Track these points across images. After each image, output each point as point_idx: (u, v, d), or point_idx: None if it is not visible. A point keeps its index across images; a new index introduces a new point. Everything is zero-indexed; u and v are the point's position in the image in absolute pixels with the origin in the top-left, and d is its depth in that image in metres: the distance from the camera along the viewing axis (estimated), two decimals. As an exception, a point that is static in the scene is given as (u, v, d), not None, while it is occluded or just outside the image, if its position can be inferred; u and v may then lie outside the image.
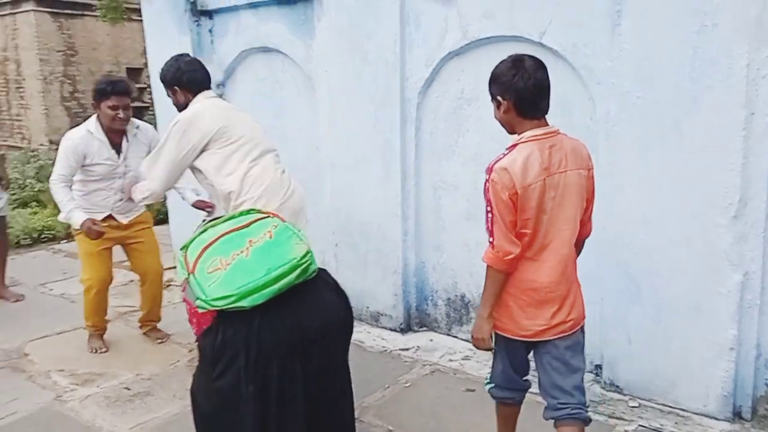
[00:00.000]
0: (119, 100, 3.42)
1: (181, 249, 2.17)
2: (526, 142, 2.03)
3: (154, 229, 3.88)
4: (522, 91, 2.01)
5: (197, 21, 4.65)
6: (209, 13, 4.60)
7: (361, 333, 3.94)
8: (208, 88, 3.04)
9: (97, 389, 3.31)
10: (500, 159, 2.04)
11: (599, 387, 3.11)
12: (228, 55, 4.56)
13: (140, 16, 5.24)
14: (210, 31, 4.64)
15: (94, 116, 3.54)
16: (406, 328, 3.94)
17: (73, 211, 3.40)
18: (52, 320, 4.29)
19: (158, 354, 3.70)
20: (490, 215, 2.05)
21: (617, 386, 3.05)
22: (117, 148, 3.54)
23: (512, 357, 2.21)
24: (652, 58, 2.74)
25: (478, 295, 3.65)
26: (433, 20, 3.43)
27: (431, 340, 3.84)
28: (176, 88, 2.99)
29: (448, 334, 3.85)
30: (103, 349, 3.75)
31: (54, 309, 4.55)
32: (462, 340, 3.78)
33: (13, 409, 3.11)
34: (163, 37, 4.86)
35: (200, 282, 1.97)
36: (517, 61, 2.04)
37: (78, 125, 3.60)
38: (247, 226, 2.12)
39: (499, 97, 2.09)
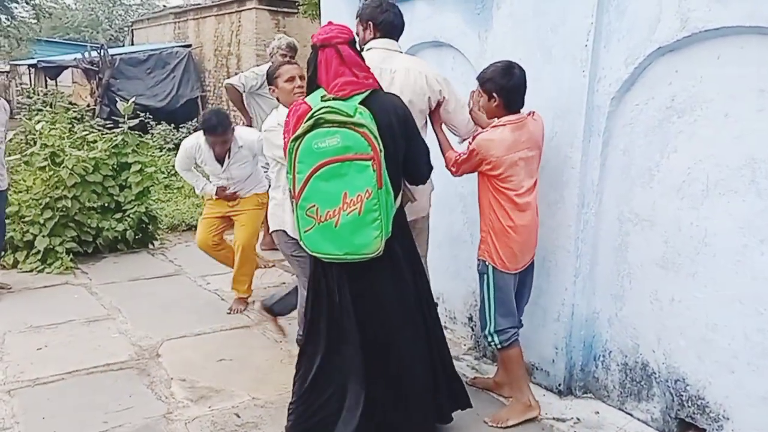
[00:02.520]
0: (214, 138, 4.01)
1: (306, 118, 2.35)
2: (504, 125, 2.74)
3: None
4: (512, 92, 2.77)
5: (372, 12, 4.29)
6: None
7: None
8: (395, 38, 2.99)
9: (208, 411, 3.05)
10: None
11: None
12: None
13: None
14: (383, 23, 4.25)
15: None
16: (565, 391, 3.18)
17: (206, 186, 4.28)
18: (197, 318, 4.20)
19: (282, 373, 3.34)
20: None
21: None
22: (221, 160, 4.15)
23: (510, 289, 2.89)
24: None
25: (666, 366, 2.78)
26: (643, 6, 2.64)
27: (597, 413, 3.03)
28: (370, 23, 2.95)
29: (620, 409, 3.02)
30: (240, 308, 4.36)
31: (205, 305, 4.49)
32: (638, 420, 2.93)
33: (121, 420, 2.94)
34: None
35: (299, 220, 2.37)
36: (510, 68, 2.77)
37: None
38: (348, 161, 2.26)
39: (495, 94, 2.76)
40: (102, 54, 13.15)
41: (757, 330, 2.43)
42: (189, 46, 14.73)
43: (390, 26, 2.91)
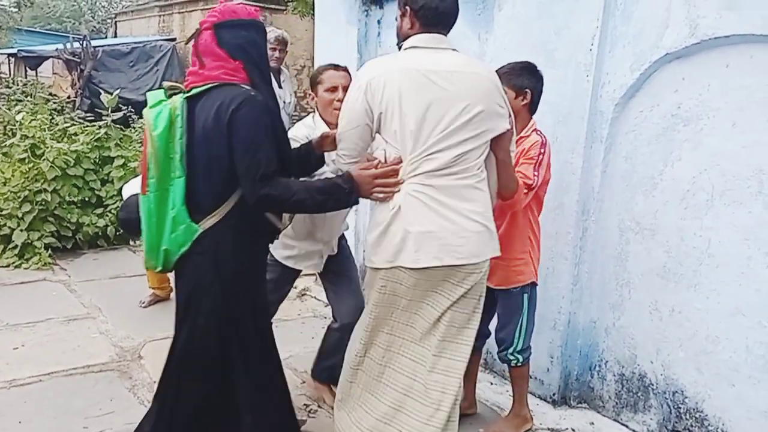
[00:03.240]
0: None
1: None
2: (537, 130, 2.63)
3: None
4: (541, 92, 2.64)
5: (366, 11, 4.21)
6: (380, 2, 4.14)
7: (501, 395, 3.20)
8: (443, 32, 2.15)
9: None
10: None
11: None
12: (394, 50, 4.04)
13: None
14: (378, 22, 4.17)
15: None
16: (560, 401, 3.12)
17: None
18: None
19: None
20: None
21: None
22: None
23: None
24: None
25: (664, 377, 2.74)
26: (650, 11, 2.59)
27: (592, 424, 2.98)
28: (407, 8, 2.12)
29: (616, 420, 2.97)
30: None
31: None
32: (634, 431, 2.89)
33: (102, 425, 2.82)
34: (331, 27, 4.51)
35: None
36: (536, 67, 2.64)
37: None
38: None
39: (528, 89, 2.58)
40: (84, 45, 12.90)
41: (760, 343, 2.39)
42: (173, 39, 14.52)
43: (434, 14, 2.07)
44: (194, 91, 2.00)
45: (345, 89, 2.43)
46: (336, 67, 2.65)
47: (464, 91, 2.01)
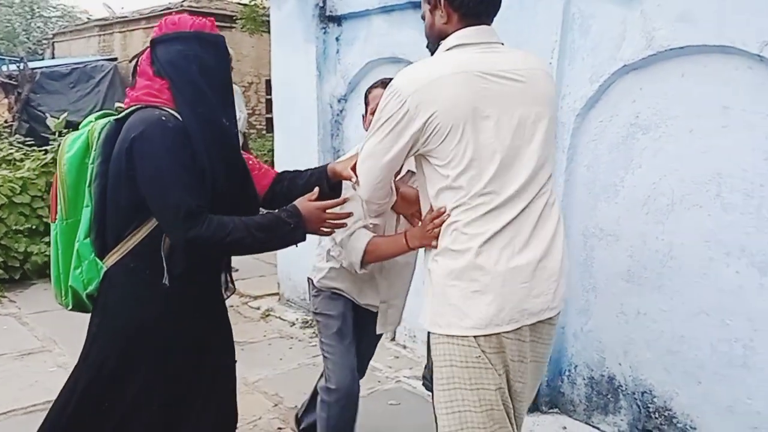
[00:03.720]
0: None
1: None
2: None
3: None
4: None
5: (324, 28, 4.23)
6: (338, 20, 4.16)
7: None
8: (488, 21, 1.72)
9: None
10: None
11: None
12: (353, 66, 4.09)
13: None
14: (337, 39, 4.19)
15: None
16: (531, 408, 3.16)
17: None
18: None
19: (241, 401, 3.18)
20: None
21: None
22: None
23: None
24: None
25: (632, 378, 2.82)
26: (607, 24, 2.70)
27: (564, 428, 3.03)
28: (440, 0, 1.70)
29: (587, 423, 3.03)
30: None
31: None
32: (605, 433, 2.96)
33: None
34: (289, 45, 4.50)
35: None
36: None
37: None
38: None
39: None
40: (21, 67, 12.44)
41: (723, 340, 2.49)
42: (115, 59, 14.16)
43: (476, 2, 1.66)
44: (122, 114, 1.79)
45: None
46: (384, 84, 2.20)
47: (538, 95, 1.67)
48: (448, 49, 1.67)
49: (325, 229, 1.86)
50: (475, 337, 1.62)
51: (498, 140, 1.60)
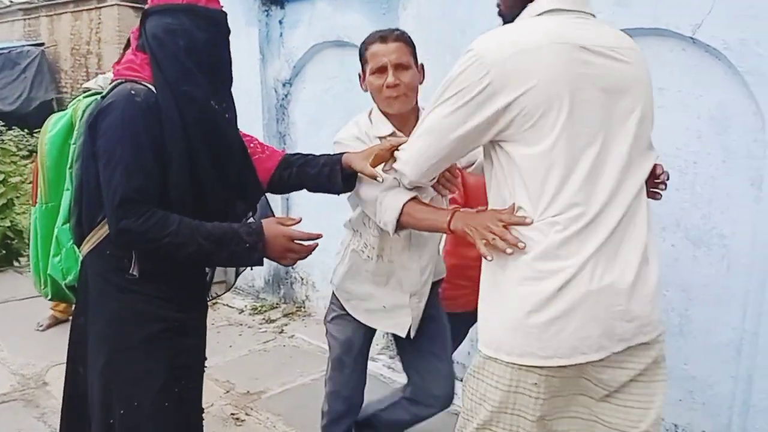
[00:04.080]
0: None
1: None
2: None
3: None
4: None
5: (267, 11, 4.17)
6: (280, 2, 4.11)
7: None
8: None
9: None
10: None
11: None
12: (298, 50, 4.05)
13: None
14: (280, 22, 4.14)
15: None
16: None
17: None
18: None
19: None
20: None
21: None
22: None
23: None
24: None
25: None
26: (548, 8, 2.77)
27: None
28: None
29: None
30: None
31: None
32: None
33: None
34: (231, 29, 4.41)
35: None
36: None
37: None
38: None
39: None
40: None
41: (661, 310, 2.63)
42: (42, 44, 13.51)
43: None
44: (106, 91, 1.65)
45: (400, 68, 1.84)
46: (383, 38, 1.88)
47: (642, 83, 1.41)
48: (539, 15, 1.38)
49: (286, 261, 1.64)
50: (556, 367, 1.32)
51: (594, 131, 1.32)
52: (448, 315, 2.25)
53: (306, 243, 1.64)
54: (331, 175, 1.78)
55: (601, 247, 1.31)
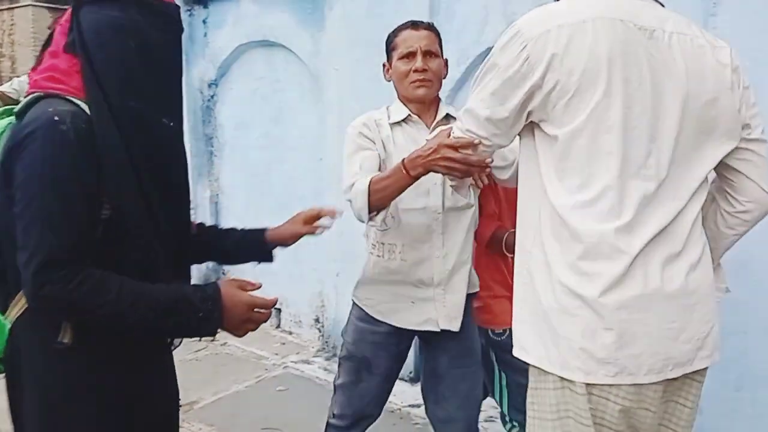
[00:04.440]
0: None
1: None
2: None
3: None
4: None
5: (190, 10, 4.08)
6: (204, 2, 4.03)
7: (362, 382, 3.31)
8: None
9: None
10: None
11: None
12: (223, 50, 3.99)
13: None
14: (204, 22, 4.07)
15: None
16: (416, 377, 3.29)
17: None
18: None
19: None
20: None
21: None
22: None
23: None
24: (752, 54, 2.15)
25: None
26: (471, 8, 2.85)
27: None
28: None
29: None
30: None
31: None
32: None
33: None
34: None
35: None
36: None
37: None
38: None
39: None
40: None
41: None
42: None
43: None
44: (19, 108, 1.26)
45: (429, 55, 1.85)
46: (415, 24, 1.91)
47: (686, 68, 1.26)
48: None
49: (240, 333, 1.34)
50: (594, 385, 1.20)
51: (638, 112, 1.21)
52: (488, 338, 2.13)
53: (264, 311, 1.36)
54: (252, 247, 1.66)
55: (648, 245, 1.20)
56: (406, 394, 3.15)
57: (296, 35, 3.52)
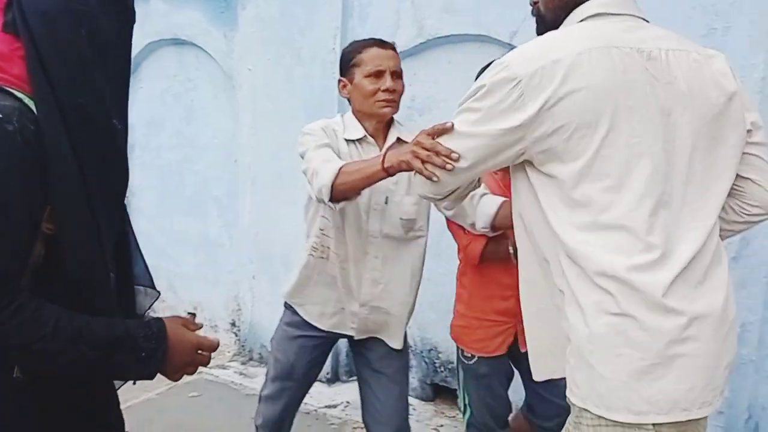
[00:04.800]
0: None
1: None
2: None
3: None
4: None
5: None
6: None
7: (279, 384, 3.29)
8: None
9: None
10: None
11: None
12: (132, 48, 3.86)
13: None
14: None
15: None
16: (333, 378, 3.31)
17: None
18: None
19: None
20: None
21: None
22: None
23: None
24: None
25: (420, 338, 3.10)
26: (383, 13, 2.90)
27: (364, 393, 3.23)
28: None
29: (385, 386, 3.27)
30: None
31: None
32: (401, 393, 3.21)
33: None
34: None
35: None
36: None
37: None
38: None
39: None
40: None
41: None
42: None
43: None
44: None
45: (396, 76, 1.86)
46: (382, 43, 1.90)
47: (691, 88, 1.22)
48: (582, 20, 1.25)
49: (177, 377, 1.20)
50: (653, 425, 1.13)
51: (647, 142, 1.16)
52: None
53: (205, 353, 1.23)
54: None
55: (683, 270, 1.15)
56: (322, 395, 3.16)
57: (208, 34, 3.46)
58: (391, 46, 1.90)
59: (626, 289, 1.12)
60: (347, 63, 1.89)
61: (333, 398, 3.17)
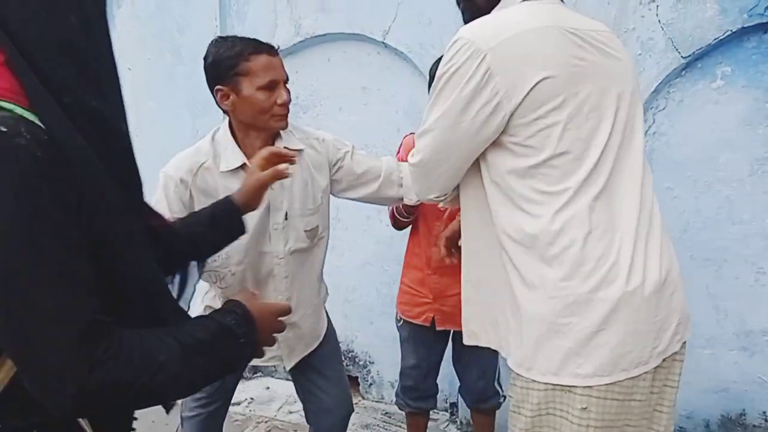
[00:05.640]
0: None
1: None
2: None
3: None
4: None
5: None
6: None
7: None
8: None
9: None
10: None
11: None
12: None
13: None
14: None
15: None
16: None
17: None
18: None
19: None
20: None
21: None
22: None
23: None
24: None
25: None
26: (260, 12, 2.90)
27: (267, 389, 3.27)
28: None
29: (287, 379, 3.31)
30: None
31: None
32: (303, 384, 3.27)
33: None
34: None
35: None
36: None
37: None
38: None
39: None
40: None
41: (384, 284, 2.96)
42: None
43: None
44: None
45: (285, 85, 1.72)
46: (271, 50, 1.70)
47: (631, 73, 1.32)
48: (522, 1, 1.28)
49: (263, 349, 1.11)
50: (593, 387, 1.19)
51: (596, 119, 1.22)
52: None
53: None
54: (220, 219, 1.40)
55: (633, 241, 1.21)
56: (224, 393, 3.18)
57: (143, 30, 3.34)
58: (276, 52, 1.72)
59: (593, 269, 1.18)
60: (228, 69, 1.64)
61: (236, 396, 3.18)
